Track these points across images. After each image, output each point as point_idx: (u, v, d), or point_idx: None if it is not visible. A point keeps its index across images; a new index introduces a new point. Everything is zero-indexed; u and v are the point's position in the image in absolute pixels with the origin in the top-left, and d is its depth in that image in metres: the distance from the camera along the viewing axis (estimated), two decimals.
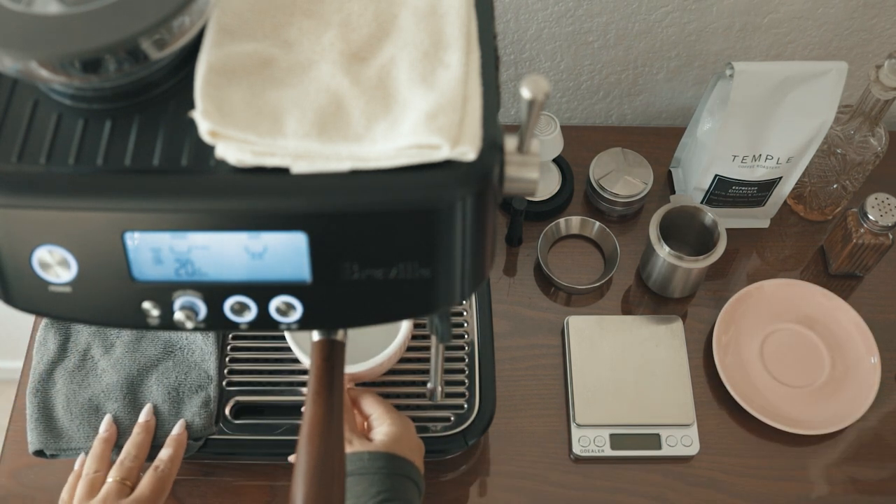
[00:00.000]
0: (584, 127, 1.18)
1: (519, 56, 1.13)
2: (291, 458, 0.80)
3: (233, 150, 0.50)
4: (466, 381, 0.92)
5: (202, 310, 0.54)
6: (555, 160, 1.11)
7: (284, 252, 0.52)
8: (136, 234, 0.51)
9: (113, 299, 0.54)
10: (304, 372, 0.92)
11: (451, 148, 0.50)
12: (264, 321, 0.55)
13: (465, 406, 0.91)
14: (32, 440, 0.86)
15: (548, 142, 1.04)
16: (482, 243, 0.54)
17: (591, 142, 1.15)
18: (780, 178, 1.02)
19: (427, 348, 0.93)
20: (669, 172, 1.14)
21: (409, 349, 0.92)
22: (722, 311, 1.01)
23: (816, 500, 0.92)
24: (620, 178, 1.07)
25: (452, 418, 0.90)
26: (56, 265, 0.52)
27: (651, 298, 1.05)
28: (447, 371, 0.92)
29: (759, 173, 1.01)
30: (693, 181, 1.05)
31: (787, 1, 1.05)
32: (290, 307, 0.55)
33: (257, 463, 0.92)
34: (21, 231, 0.51)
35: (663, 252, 0.98)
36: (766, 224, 1.11)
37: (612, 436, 0.94)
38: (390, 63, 0.55)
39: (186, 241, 0.51)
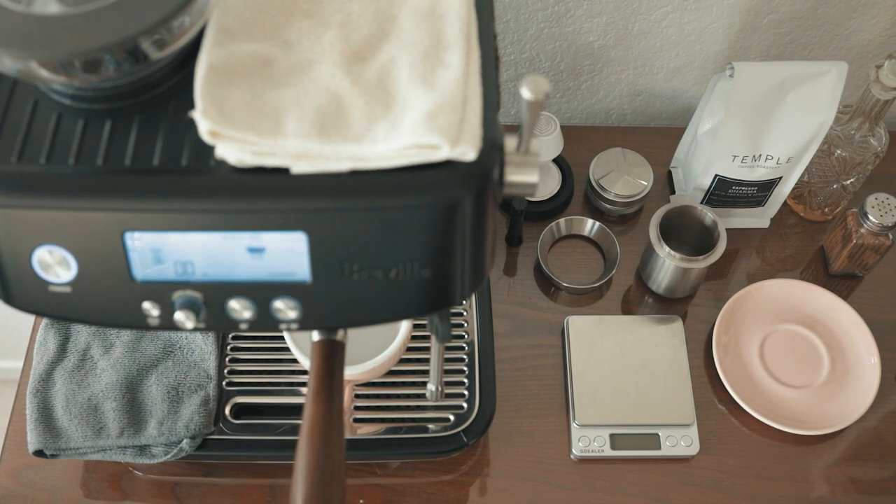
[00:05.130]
0: (584, 127, 1.18)
1: (519, 56, 1.13)
2: None
3: (233, 150, 0.50)
4: (466, 381, 0.92)
5: (202, 310, 0.54)
6: (555, 160, 1.11)
7: (284, 252, 0.52)
8: (136, 234, 0.51)
9: (113, 299, 0.54)
10: (304, 372, 0.92)
11: (451, 148, 0.50)
12: (264, 321, 0.56)
13: (465, 406, 0.91)
14: (32, 440, 0.86)
15: (548, 142, 1.04)
16: (482, 243, 0.54)
17: (591, 142, 1.15)
18: (780, 178, 1.02)
19: (427, 348, 0.93)
20: (669, 172, 1.14)
21: (409, 349, 0.92)
22: (722, 311, 1.01)
23: (816, 500, 0.92)
24: (620, 178, 1.07)
25: (452, 418, 0.90)
26: (56, 265, 0.52)
27: (651, 298, 1.05)
28: (447, 371, 0.92)
29: (759, 173, 1.01)
30: (693, 181, 1.05)
31: (787, 1, 1.05)
32: (290, 307, 0.55)
33: (257, 463, 0.92)
34: (21, 231, 0.51)
35: (663, 252, 0.98)
36: (766, 224, 1.11)
37: (612, 436, 0.94)
38: (390, 63, 0.55)
39: (186, 240, 0.52)
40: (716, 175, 1.02)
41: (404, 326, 0.85)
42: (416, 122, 0.51)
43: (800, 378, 0.99)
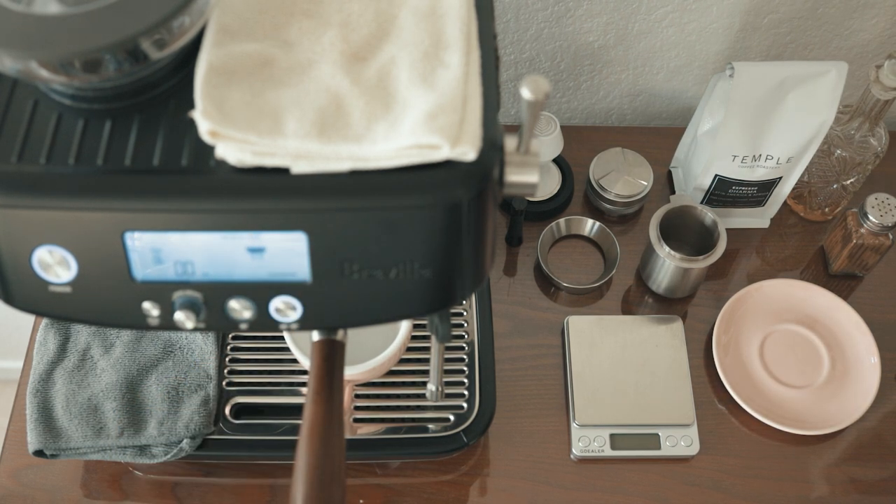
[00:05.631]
0: (584, 127, 1.18)
1: (519, 56, 1.13)
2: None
3: (233, 150, 0.50)
4: (466, 381, 0.92)
5: (202, 310, 0.54)
6: (555, 160, 1.11)
7: (284, 252, 0.52)
8: (136, 234, 0.51)
9: (113, 299, 0.54)
10: (304, 372, 0.92)
11: (452, 148, 0.50)
12: (264, 321, 0.56)
13: (465, 406, 0.91)
14: (32, 440, 0.86)
15: (548, 142, 1.04)
16: (482, 243, 0.54)
17: (591, 142, 1.15)
18: (780, 178, 1.02)
19: (427, 348, 0.93)
20: (669, 172, 1.14)
21: (409, 349, 0.92)
22: (722, 311, 1.01)
23: (816, 500, 0.92)
24: (620, 178, 1.07)
25: (452, 418, 0.90)
26: (56, 265, 0.52)
27: (651, 298, 1.05)
28: (447, 371, 0.92)
29: (759, 173, 1.01)
30: (693, 181, 1.05)
31: (787, 1, 1.05)
32: (290, 307, 0.55)
33: (257, 463, 0.92)
34: (21, 231, 0.51)
35: (663, 252, 0.98)
36: (766, 224, 1.11)
37: (612, 436, 0.94)
38: (390, 63, 0.55)
39: (186, 240, 0.52)
40: (716, 175, 1.02)
41: (404, 326, 0.85)
42: (416, 122, 0.51)
43: (800, 378, 0.99)
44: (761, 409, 0.95)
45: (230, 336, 0.95)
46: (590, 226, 1.08)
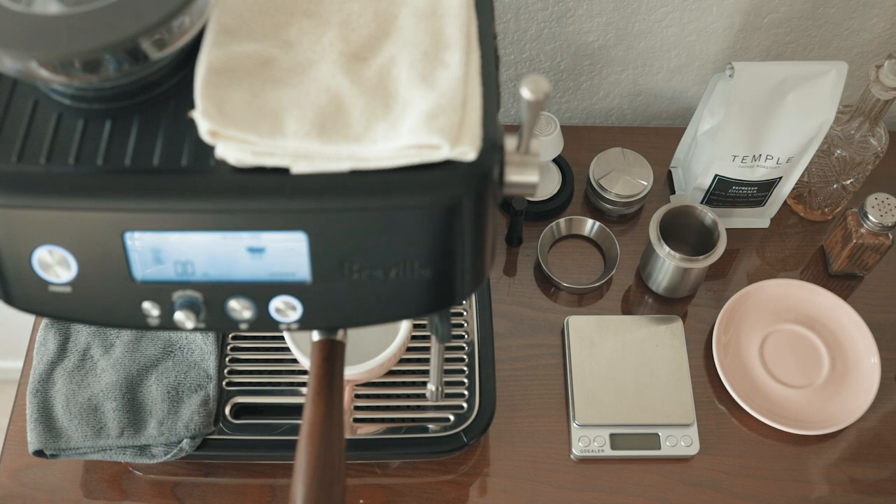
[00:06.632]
0: (584, 127, 1.18)
1: (519, 56, 1.13)
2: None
3: (233, 150, 0.50)
4: (466, 381, 0.92)
5: (202, 310, 0.54)
6: (555, 160, 1.11)
7: (284, 252, 0.52)
8: (136, 234, 0.51)
9: (113, 299, 0.54)
10: (304, 372, 0.92)
11: (451, 148, 0.50)
12: (264, 321, 0.56)
13: (465, 406, 0.91)
14: (32, 440, 0.86)
15: (548, 142, 1.04)
16: (482, 243, 0.54)
17: (591, 142, 1.15)
18: (780, 178, 1.02)
19: (427, 348, 0.93)
20: (669, 172, 1.14)
21: (409, 349, 0.92)
22: (722, 311, 1.01)
23: (816, 500, 0.92)
24: (620, 178, 1.07)
25: (452, 418, 0.90)
26: (56, 265, 0.53)
27: (651, 298, 1.05)
28: (447, 371, 0.92)
29: (759, 173, 1.01)
30: (693, 181, 1.05)
31: (787, 1, 1.05)
32: (290, 307, 0.55)
33: (257, 463, 0.92)
34: (21, 231, 0.51)
35: (663, 252, 0.98)
36: (766, 224, 1.11)
37: (612, 436, 0.94)
38: (390, 63, 0.55)
39: (186, 240, 0.52)
40: (716, 175, 1.02)
41: (404, 326, 0.85)
42: (415, 122, 0.51)
43: (800, 378, 0.99)
44: (761, 409, 0.95)
45: (230, 336, 0.95)
46: (590, 226, 1.08)
